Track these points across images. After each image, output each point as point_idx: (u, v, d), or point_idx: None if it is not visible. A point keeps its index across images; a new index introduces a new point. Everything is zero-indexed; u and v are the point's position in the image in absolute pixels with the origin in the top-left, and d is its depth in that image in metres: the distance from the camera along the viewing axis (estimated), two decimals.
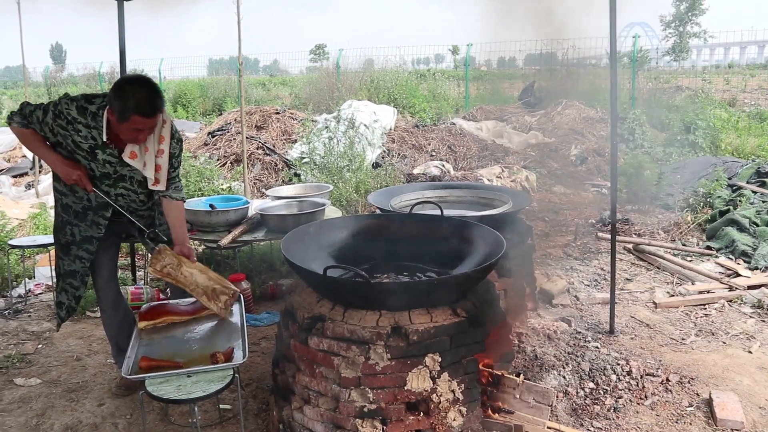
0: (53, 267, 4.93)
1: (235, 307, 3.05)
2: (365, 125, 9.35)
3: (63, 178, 3.01)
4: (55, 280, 3.40)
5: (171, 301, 3.17)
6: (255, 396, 3.42)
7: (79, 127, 2.90)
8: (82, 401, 3.37)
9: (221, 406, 3.26)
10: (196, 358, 2.58)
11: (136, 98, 2.74)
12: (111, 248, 3.36)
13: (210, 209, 4.54)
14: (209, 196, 6.25)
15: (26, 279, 5.17)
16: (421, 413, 2.64)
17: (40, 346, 4.09)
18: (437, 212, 3.60)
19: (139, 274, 5.21)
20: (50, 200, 8.04)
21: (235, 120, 10.21)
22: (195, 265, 3.07)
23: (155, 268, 3.02)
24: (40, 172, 9.38)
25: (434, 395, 2.63)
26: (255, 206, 5.03)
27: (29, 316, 4.59)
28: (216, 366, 2.45)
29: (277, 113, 10.57)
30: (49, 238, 4.82)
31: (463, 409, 2.69)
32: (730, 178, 7.59)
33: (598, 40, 16.16)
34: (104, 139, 2.91)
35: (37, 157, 9.37)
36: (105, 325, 3.45)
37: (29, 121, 2.98)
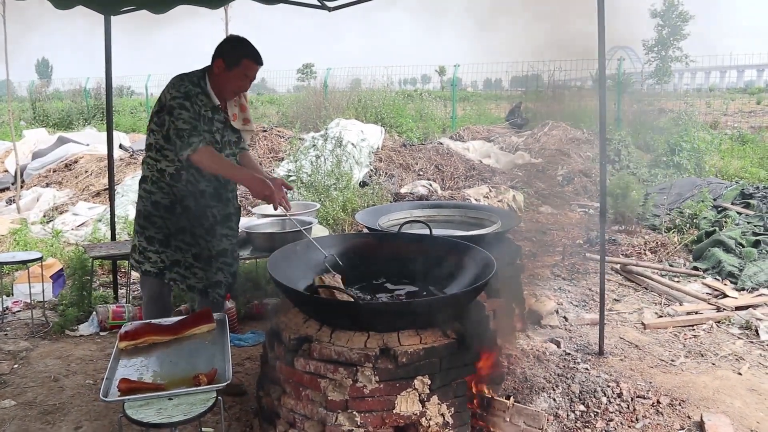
0: (32, 284, 4.83)
1: (220, 328, 2.97)
2: (353, 144, 9.34)
3: (255, 195, 3.10)
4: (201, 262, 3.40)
5: (153, 321, 3.09)
6: (239, 419, 3.33)
7: (201, 98, 3.10)
8: (58, 424, 3.25)
9: (204, 429, 3.15)
10: (178, 380, 2.49)
11: (249, 47, 3.12)
12: None
13: None
14: None
15: (3, 296, 5.03)
16: None
17: (15, 366, 3.96)
18: (426, 232, 3.56)
19: (121, 292, 5.10)
20: (31, 216, 7.91)
21: None
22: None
23: None
24: (21, 187, 9.24)
25: (423, 419, 2.56)
26: (241, 224, 4.96)
27: (5, 334, 4.46)
28: (198, 388, 2.37)
29: (264, 131, 10.54)
30: (29, 254, 4.72)
31: None
32: (715, 199, 7.65)
33: (584, 62, 16.38)
34: (217, 103, 3.16)
35: (19, 171, 9.24)
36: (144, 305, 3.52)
37: (194, 128, 3.02)
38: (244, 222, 5.13)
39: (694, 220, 7.04)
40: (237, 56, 3.09)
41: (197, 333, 2.93)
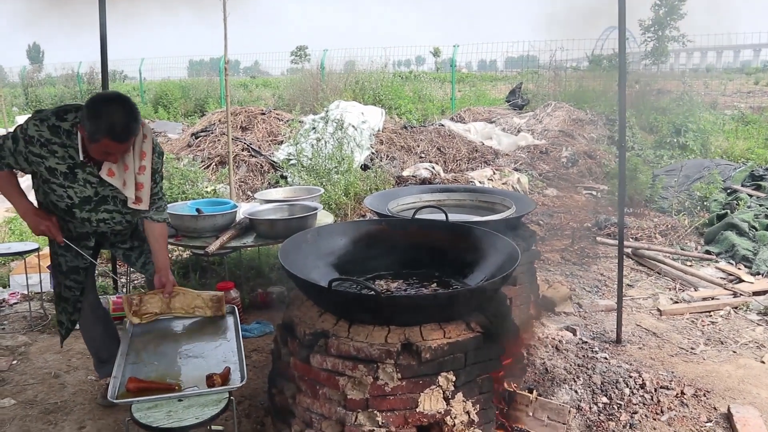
0: (29, 274, 4.67)
1: (230, 321, 2.83)
2: (353, 126, 9.14)
3: (32, 230, 2.87)
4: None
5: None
6: (248, 415, 3.19)
7: (55, 148, 2.65)
8: (60, 424, 3.10)
9: (213, 427, 3.02)
10: (190, 380, 2.35)
11: (110, 120, 2.50)
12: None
13: (196, 214, 4.29)
14: (194, 199, 5.99)
15: (0, 288, 4.88)
16: None
17: (15, 362, 3.80)
18: (441, 217, 3.41)
19: (121, 282, 4.94)
20: None
21: (220, 121, 9.93)
22: (177, 290, 2.93)
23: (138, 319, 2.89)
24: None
25: (448, 417, 2.43)
26: (243, 210, 4.79)
27: (3, 328, 4.30)
28: (211, 390, 2.23)
29: (263, 114, 10.32)
30: (26, 245, 4.56)
31: (479, 431, 2.50)
32: (724, 181, 7.51)
33: (583, 42, 16.17)
34: (81, 158, 2.67)
35: None
36: (84, 335, 3.25)
37: (2, 156, 2.72)
38: (247, 208, 4.97)
39: (704, 203, 6.91)
40: (95, 133, 2.51)
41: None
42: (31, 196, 2.93)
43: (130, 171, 2.76)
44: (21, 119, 11.93)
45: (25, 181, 3.13)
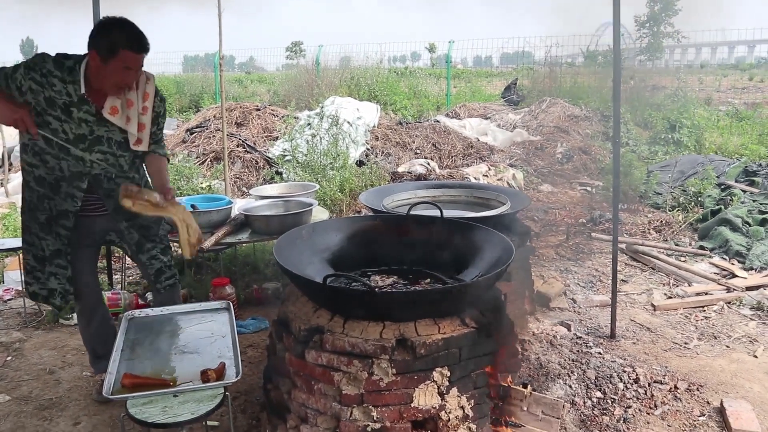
0: (23, 271, 4.66)
1: (225, 317, 2.82)
2: (348, 122, 9.14)
3: (2, 120, 2.71)
4: (33, 271, 3.03)
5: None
6: (244, 411, 3.20)
7: (54, 81, 2.69)
8: (55, 420, 3.10)
9: (209, 422, 3.03)
10: (185, 375, 2.35)
11: (125, 33, 2.63)
12: (89, 251, 3.14)
13: (191, 210, 4.29)
14: (189, 195, 5.99)
15: None
16: None
17: (9, 358, 3.80)
18: (436, 213, 3.41)
19: (116, 278, 4.93)
20: (20, 200, 7.69)
21: (214, 116, 9.91)
22: (174, 203, 2.87)
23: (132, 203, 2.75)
24: (9, 170, 8.98)
25: (443, 412, 2.44)
26: (238, 206, 4.79)
27: None
28: (207, 385, 2.23)
29: (258, 110, 10.30)
30: (20, 241, 4.54)
31: (473, 426, 2.51)
32: (718, 177, 7.54)
33: (579, 38, 16.19)
34: (82, 92, 2.71)
35: (6, 154, 8.98)
36: (82, 330, 3.24)
37: None
38: (242, 204, 4.97)
39: (699, 199, 6.94)
40: (111, 46, 2.60)
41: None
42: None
43: (134, 108, 2.84)
44: None
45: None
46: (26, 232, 3.01)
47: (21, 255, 4.48)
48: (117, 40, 2.60)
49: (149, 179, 3.11)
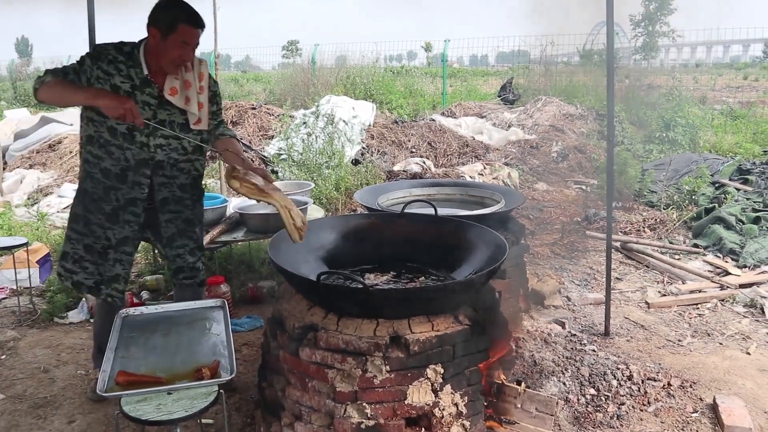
0: (18, 269, 4.64)
1: (219, 315, 2.83)
2: (344, 121, 9.14)
3: (110, 112, 2.66)
4: (81, 261, 3.04)
5: None
6: (238, 409, 3.21)
7: (120, 66, 2.78)
8: (50, 418, 3.10)
9: (203, 420, 3.03)
10: (179, 373, 2.35)
11: (184, 9, 2.76)
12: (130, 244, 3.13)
13: None
14: None
15: None
16: (423, 429, 2.46)
17: (3, 357, 3.79)
18: (430, 211, 3.42)
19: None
20: (15, 198, 7.67)
21: None
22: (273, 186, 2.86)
23: (238, 186, 2.74)
24: (4, 169, 8.96)
25: (436, 409, 2.45)
26: (234, 205, 4.80)
27: None
28: (200, 383, 2.23)
29: (253, 108, 10.30)
30: (14, 240, 4.54)
31: (467, 423, 2.52)
32: (712, 175, 7.57)
33: (574, 37, 16.21)
34: (145, 73, 2.81)
35: (0, 153, 8.96)
36: (96, 323, 3.28)
37: (65, 73, 2.73)
38: (237, 203, 4.97)
39: (693, 197, 6.96)
40: (171, 21, 2.71)
41: None
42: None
43: (192, 89, 2.91)
44: (9, 113, 11.84)
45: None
46: (81, 223, 3.02)
47: (14, 254, 4.49)
48: (177, 16, 2.72)
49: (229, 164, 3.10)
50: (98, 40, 4.58)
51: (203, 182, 3.34)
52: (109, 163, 2.90)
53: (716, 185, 7.36)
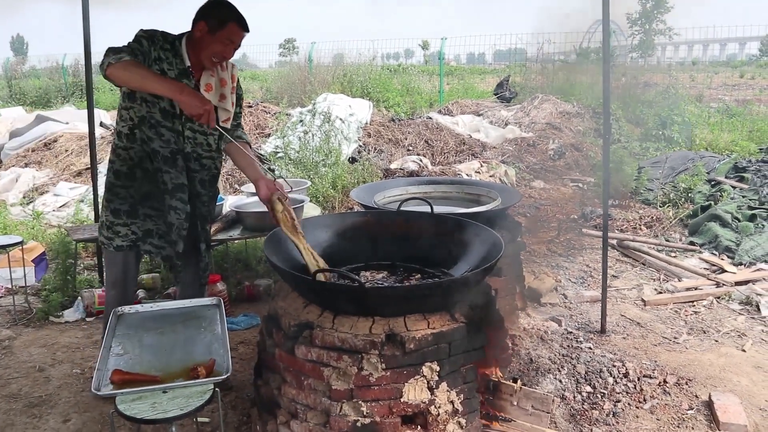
0: (13, 268, 4.63)
1: (215, 313, 2.82)
2: (341, 119, 9.12)
3: (189, 110, 2.62)
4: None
5: None
6: (234, 407, 3.20)
7: (167, 54, 2.83)
8: (45, 417, 3.10)
9: (199, 419, 3.02)
10: (174, 372, 2.35)
11: (235, 11, 2.83)
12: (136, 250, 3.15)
13: None
14: None
15: None
16: (419, 426, 2.46)
17: None
18: (427, 209, 3.42)
19: None
20: (10, 197, 7.65)
21: None
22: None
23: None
24: None
25: (432, 407, 2.45)
26: (230, 203, 4.79)
27: None
28: (196, 381, 2.23)
29: (250, 107, 10.27)
30: (9, 238, 4.52)
31: (463, 421, 2.52)
32: (708, 173, 7.59)
33: (571, 35, 16.21)
34: (187, 64, 2.85)
35: None
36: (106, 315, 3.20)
37: (134, 53, 2.68)
38: (233, 201, 4.96)
39: (689, 194, 6.98)
40: (222, 19, 2.78)
41: None
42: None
43: (227, 87, 2.97)
44: (5, 112, 11.80)
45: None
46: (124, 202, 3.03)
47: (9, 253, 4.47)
48: (229, 15, 2.79)
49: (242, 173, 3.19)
50: (94, 39, 4.59)
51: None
52: (158, 145, 2.90)
53: (712, 183, 7.38)
